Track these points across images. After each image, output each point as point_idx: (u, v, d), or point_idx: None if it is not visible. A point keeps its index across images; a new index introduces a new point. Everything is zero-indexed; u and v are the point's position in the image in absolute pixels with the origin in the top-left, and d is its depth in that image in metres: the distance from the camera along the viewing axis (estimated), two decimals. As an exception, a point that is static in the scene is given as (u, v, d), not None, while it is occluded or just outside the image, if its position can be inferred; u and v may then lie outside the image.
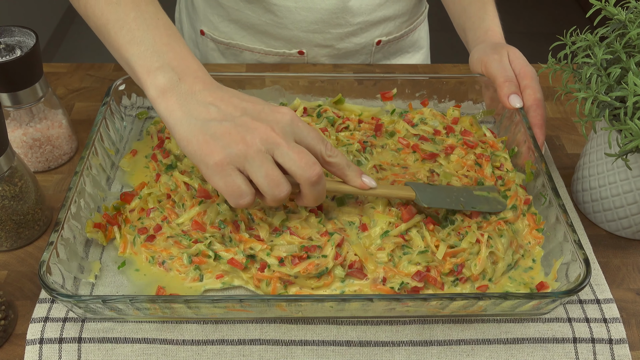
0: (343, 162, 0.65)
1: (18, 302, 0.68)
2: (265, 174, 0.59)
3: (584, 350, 0.64)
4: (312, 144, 0.62)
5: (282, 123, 0.61)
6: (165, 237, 0.69)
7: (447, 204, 0.71)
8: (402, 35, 1.12)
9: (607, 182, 0.74)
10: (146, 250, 0.69)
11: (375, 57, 1.12)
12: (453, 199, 0.72)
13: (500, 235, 0.69)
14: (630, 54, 0.69)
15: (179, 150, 0.78)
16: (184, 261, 0.67)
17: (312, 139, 0.62)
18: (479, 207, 0.72)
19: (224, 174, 0.59)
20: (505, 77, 0.82)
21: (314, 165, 0.60)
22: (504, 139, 0.83)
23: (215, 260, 0.67)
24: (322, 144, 0.63)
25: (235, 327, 0.65)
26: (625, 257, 0.75)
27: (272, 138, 0.59)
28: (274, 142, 0.59)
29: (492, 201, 0.73)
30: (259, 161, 0.59)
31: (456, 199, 0.72)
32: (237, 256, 0.66)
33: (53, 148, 0.83)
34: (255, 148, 0.59)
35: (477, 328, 0.65)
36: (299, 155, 0.60)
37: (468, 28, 0.96)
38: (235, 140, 0.59)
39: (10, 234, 0.72)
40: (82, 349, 0.63)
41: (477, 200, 0.73)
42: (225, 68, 1.06)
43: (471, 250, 0.67)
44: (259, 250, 0.67)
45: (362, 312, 0.63)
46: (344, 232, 0.69)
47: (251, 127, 0.60)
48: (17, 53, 0.74)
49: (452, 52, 2.05)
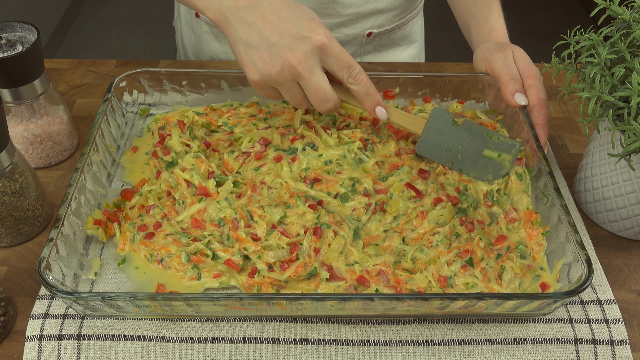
0: (362, 90, 0.74)
1: (18, 298, 0.68)
2: (290, 96, 0.74)
3: (585, 351, 0.64)
4: (336, 70, 0.73)
5: (312, 51, 0.70)
6: (165, 235, 0.69)
7: (438, 158, 0.75)
8: (393, 28, 1.12)
9: (610, 183, 0.74)
10: (145, 247, 0.69)
11: (365, 49, 1.12)
12: (452, 153, 0.76)
13: (500, 272, 0.67)
14: (635, 53, 0.69)
15: (179, 148, 0.78)
16: (182, 259, 0.67)
17: (338, 67, 0.72)
18: (466, 170, 0.75)
19: (261, 90, 0.75)
20: (510, 76, 0.82)
21: (326, 102, 0.73)
22: (500, 118, 0.84)
23: (213, 260, 0.67)
24: (347, 71, 0.72)
25: (235, 325, 0.65)
26: (628, 258, 0.75)
27: (297, 70, 0.70)
28: (298, 74, 0.71)
29: (491, 166, 0.75)
30: (286, 87, 0.73)
31: (455, 154, 0.76)
32: (234, 257, 0.66)
33: (54, 144, 0.82)
34: (283, 77, 0.71)
35: (477, 328, 0.65)
36: (316, 91, 0.72)
37: (472, 27, 0.95)
38: (267, 67, 0.71)
39: (11, 230, 0.72)
40: (81, 346, 0.63)
41: (476, 162, 0.75)
42: (227, 65, 1.06)
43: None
44: (251, 252, 0.67)
45: (362, 311, 0.63)
46: (339, 226, 0.69)
47: (282, 56, 0.70)
48: (18, 49, 0.74)
49: (449, 50, 2.04)
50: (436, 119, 0.77)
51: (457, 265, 0.67)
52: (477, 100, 0.88)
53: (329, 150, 0.77)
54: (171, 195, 0.73)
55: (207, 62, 1.07)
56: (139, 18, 3.08)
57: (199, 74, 0.86)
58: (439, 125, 0.77)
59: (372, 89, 0.74)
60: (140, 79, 0.86)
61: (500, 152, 0.77)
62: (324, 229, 0.69)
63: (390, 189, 0.74)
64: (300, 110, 0.84)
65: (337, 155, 0.77)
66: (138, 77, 0.85)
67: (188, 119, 0.82)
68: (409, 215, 0.71)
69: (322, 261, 0.67)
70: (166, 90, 0.87)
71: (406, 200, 0.73)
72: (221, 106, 0.87)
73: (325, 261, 0.67)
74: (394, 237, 0.70)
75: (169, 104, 0.88)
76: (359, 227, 0.70)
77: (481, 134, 0.78)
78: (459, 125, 0.77)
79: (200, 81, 0.87)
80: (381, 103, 0.75)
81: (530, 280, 0.67)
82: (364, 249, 0.68)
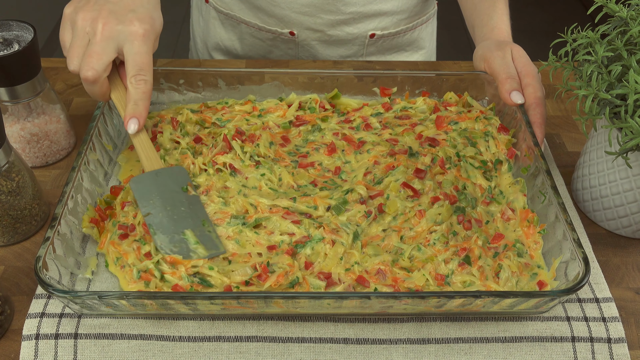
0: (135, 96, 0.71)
1: (14, 297, 0.68)
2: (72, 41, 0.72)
3: (582, 350, 0.64)
4: (129, 65, 0.71)
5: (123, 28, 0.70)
6: (131, 241, 0.68)
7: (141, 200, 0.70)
8: (398, 32, 1.11)
9: (607, 181, 0.74)
10: (112, 249, 0.68)
11: (368, 50, 1.12)
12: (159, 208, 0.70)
13: (497, 271, 0.67)
14: (632, 51, 0.69)
15: (169, 145, 0.78)
16: (133, 274, 0.65)
17: (132, 62, 0.71)
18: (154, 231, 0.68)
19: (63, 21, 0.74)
20: (507, 74, 0.82)
21: (89, 69, 0.70)
22: (492, 106, 0.85)
23: (162, 282, 0.64)
24: (136, 70, 0.71)
25: (232, 323, 0.64)
26: (625, 256, 0.75)
27: (98, 26, 0.70)
28: (96, 31, 0.70)
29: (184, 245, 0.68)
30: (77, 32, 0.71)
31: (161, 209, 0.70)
32: (182, 282, 0.64)
33: (51, 143, 0.82)
34: (87, 22, 0.71)
35: (475, 326, 0.65)
36: (91, 53, 0.70)
37: (476, 25, 0.95)
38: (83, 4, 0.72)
39: (7, 229, 0.71)
40: (78, 345, 0.63)
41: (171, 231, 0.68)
42: (225, 64, 1.06)
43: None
44: (202, 266, 0.65)
45: (359, 309, 0.63)
46: (337, 233, 0.69)
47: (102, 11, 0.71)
48: (14, 47, 0.74)
49: (448, 49, 2.04)
50: (174, 172, 0.73)
51: (454, 263, 0.67)
52: (475, 98, 0.88)
53: None
54: None
55: (204, 61, 1.06)
56: (138, 17, 3.06)
57: (196, 73, 0.86)
58: (170, 178, 0.73)
59: (144, 103, 0.72)
60: (137, 78, 0.86)
61: (199, 243, 0.68)
62: (313, 243, 0.68)
63: (387, 189, 0.74)
64: (295, 104, 0.85)
65: None
66: (135, 76, 0.85)
67: (182, 117, 0.82)
68: (407, 214, 0.71)
69: (320, 270, 0.66)
70: (163, 89, 0.87)
71: (403, 200, 0.73)
72: (216, 104, 0.87)
73: (324, 269, 0.66)
74: (392, 236, 0.70)
75: (166, 102, 0.88)
76: (358, 231, 0.70)
77: (198, 217, 0.70)
78: (187, 194, 0.72)
79: (197, 80, 0.86)
80: (140, 118, 0.72)
81: (528, 279, 0.67)
82: (363, 249, 0.68)
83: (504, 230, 0.72)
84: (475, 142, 0.79)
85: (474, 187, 0.75)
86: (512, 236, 0.71)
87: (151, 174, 0.73)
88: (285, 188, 0.75)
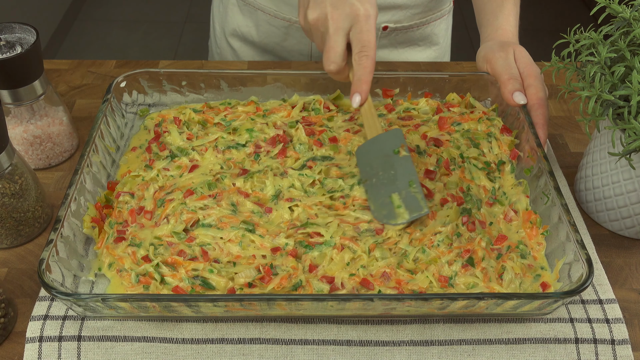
0: (358, 72, 0.75)
1: (18, 299, 0.68)
2: (317, 44, 0.80)
3: (586, 351, 0.64)
4: (354, 43, 0.76)
5: (346, 15, 0.75)
6: (125, 246, 0.67)
7: (362, 167, 0.75)
8: (412, 26, 1.11)
9: (611, 182, 0.74)
10: (107, 253, 0.68)
11: (381, 43, 1.12)
12: (372, 173, 0.74)
13: (501, 272, 0.67)
14: (635, 52, 0.69)
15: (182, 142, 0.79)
16: (131, 279, 0.65)
17: (356, 40, 0.75)
18: (368, 197, 0.72)
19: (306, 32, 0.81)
20: (509, 75, 0.82)
21: (330, 63, 0.76)
22: (495, 107, 0.85)
23: (162, 284, 0.64)
24: (359, 48, 0.75)
25: (235, 326, 0.64)
26: (629, 257, 0.75)
27: (327, 24, 0.75)
28: (326, 28, 0.76)
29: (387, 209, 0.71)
30: (316, 35, 0.79)
31: (373, 175, 0.74)
32: (182, 284, 0.64)
33: (54, 145, 0.82)
34: (316, 25, 0.77)
35: (478, 328, 0.65)
36: (329, 48, 0.76)
37: (482, 24, 0.95)
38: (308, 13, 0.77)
39: (11, 231, 0.72)
40: (81, 347, 0.63)
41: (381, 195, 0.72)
42: (228, 65, 1.06)
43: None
44: (202, 270, 0.65)
45: (362, 311, 0.63)
46: (354, 241, 0.68)
47: (323, 9, 0.76)
48: (17, 50, 0.74)
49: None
50: (389, 137, 0.76)
51: (458, 265, 0.66)
52: (478, 99, 0.88)
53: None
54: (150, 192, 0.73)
55: (206, 63, 1.07)
56: (139, 18, 3.08)
57: (199, 74, 0.86)
58: (385, 143, 0.76)
59: (366, 78, 0.76)
60: (140, 80, 0.86)
61: (402, 206, 0.70)
62: (323, 249, 0.67)
63: None
64: (299, 105, 0.85)
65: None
66: (137, 78, 0.85)
67: (184, 116, 0.82)
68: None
69: (324, 274, 0.66)
70: (166, 90, 0.87)
71: None
72: (218, 104, 0.87)
73: (328, 273, 0.66)
74: (404, 238, 0.69)
75: (168, 104, 0.88)
76: (378, 241, 0.69)
77: (406, 178, 0.72)
78: (398, 156, 0.74)
79: (199, 81, 0.86)
80: (362, 93, 0.77)
81: (531, 280, 0.67)
82: (371, 252, 0.68)
83: (507, 232, 0.72)
84: (478, 143, 0.79)
85: (478, 188, 0.75)
86: (515, 237, 0.71)
87: (371, 141, 0.77)
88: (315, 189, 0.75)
